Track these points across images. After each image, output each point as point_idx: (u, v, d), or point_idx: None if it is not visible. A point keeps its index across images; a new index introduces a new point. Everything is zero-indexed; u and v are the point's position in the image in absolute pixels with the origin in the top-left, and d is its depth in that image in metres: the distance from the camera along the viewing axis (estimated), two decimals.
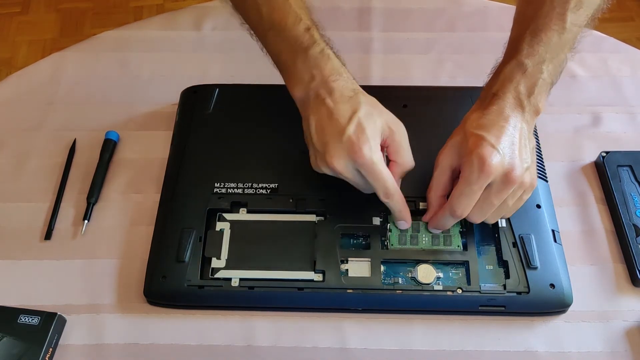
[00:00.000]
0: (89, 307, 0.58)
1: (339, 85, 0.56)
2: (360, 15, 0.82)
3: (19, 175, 0.67)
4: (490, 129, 0.53)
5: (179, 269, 0.57)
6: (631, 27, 1.79)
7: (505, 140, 0.53)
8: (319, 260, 0.57)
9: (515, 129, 0.54)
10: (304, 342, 0.56)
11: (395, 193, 0.55)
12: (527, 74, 0.55)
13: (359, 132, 0.53)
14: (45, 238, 0.62)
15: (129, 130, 0.70)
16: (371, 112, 0.56)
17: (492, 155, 0.51)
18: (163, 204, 0.62)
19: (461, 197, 0.53)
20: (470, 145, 0.53)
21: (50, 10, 1.88)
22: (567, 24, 0.56)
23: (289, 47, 0.58)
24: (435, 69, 0.76)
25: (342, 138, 0.53)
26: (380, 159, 0.54)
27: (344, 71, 0.58)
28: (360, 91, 0.57)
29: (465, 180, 0.53)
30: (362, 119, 0.54)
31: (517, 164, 0.52)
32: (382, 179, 0.54)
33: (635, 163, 0.64)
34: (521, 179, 0.53)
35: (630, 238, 0.60)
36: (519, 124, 0.54)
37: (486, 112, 0.55)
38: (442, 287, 0.56)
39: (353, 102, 0.55)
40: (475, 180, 0.52)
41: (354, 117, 0.54)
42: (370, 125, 0.54)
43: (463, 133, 0.55)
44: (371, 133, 0.54)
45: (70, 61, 0.78)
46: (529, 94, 0.55)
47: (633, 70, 0.76)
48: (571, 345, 0.55)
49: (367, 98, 0.57)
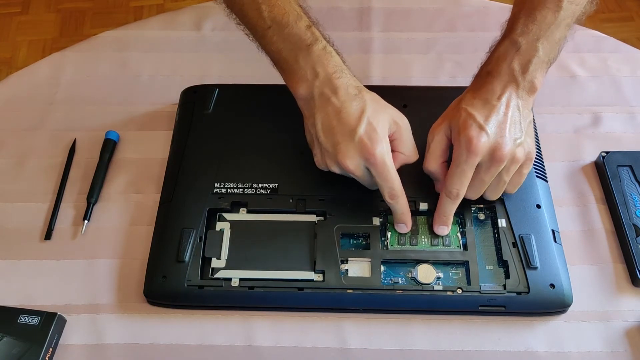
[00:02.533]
0: (89, 307, 0.58)
1: (343, 83, 0.57)
2: (360, 15, 0.82)
3: (19, 175, 0.67)
4: (481, 109, 0.55)
5: (179, 269, 0.57)
6: (631, 27, 1.79)
7: (494, 119, 0.55)
8: (319, 260, 0.57)
9: (507, 106, 0.55)
10: (304, 342, 0.56)
11: (401, 195, 0.56)
12: (520, 51, 0.56)
13: (370, 131, 0.54)
14: (45, 238, 0.62)
15: (129, 130, 0.70)
16: (377, 109, 0.56)
17: (479, 136, 0.54)
18: (163, 204, 0.62)
19: (454, 178, 0.55)
20: (461, 125, 0.55)
21: (50, 10, 1.88)
22: (563, 2, 0.56)
23: (290, 44, 0.58)
24: (435, 69, 0.76)
25: (354, 138, 0.54)
26: (391, 160, 0.55)
27: (345, 68, 0.58)
28: (364, 88, 0.58)
29: (456, 161, 0.55)
30: (371, 118, 0.55)
31: (506, 141, 0.54)
32: (391, 180, 0.55)
33: (635, 163, 0.64)
34: (511, 155, 0.54)
35: (630, 238, 0.60)
36: (513, 101, 0.56)
37: (480, 91, 0.57)
38: (442, 287, 0.56)
39: (359, 100, 0.56)
40: (465, 160, 0.54)
41: (363, 116, 0.55)
42: (379, 123, 0.55)
43: (457, 109, 0.57)
44: (382, 132, 0.55)
45: (70, 61, 0.78)
46: (523, 71, 0.56)
47: (633, 70, 0.76)
48: (571, 345, 0.55)
49: (371, 95, 0.58)
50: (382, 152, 0.54)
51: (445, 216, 0.58)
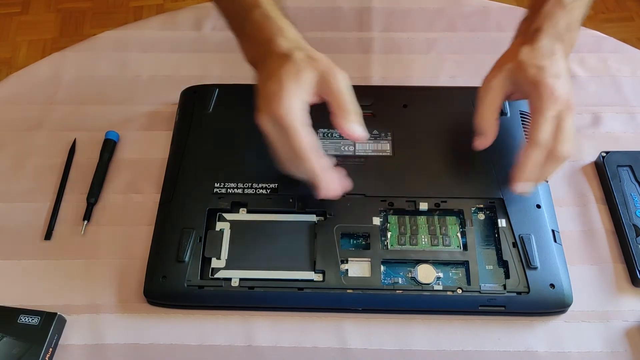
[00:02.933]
0: (89, 307, 0.58)
1: (280, 44, 0.56)
2: (360, 15, 0.82)
3: (19, 175, 0.67)
4: (546, 62, 0.57)
5: (179, 269, 0.57)
6: (631, 27, 1.79)
7: (561, 67, 0.57)
8: (319, 260, 0.57)
9: (563, 61, 0.58)
10: (304, 342, 0.56)
11: (309, 154, 0.53)
12: (565, 11, 0.59)
13: (280, 90, 0.53)
14: (45, 238, 0.62)
15: (129, 130, 0.70)
16: (304, 67, 0.54)
17: (558, 85, 0.56)
18: (163, 204, 0.62)
19: (543, 126, 0.55)
20: (533, 76, 0.56)
21: (50, 10, 1.88)
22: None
23: (237, 12, 0.60)
24: (435, 69, 0.76)
25: (267, 96, 0.54)
26: (300, 117, 0.53)
27: (287, 29, 0.58)
28: (298, 47, 0.56)
29: (540, 111, 0.55)
30: (289, 75, 0.54)
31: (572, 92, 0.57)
32: (296, 136, 0.52)
33: (635, 163, 0.64)
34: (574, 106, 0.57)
35: (630, 238, 0.60)
36: (563, 58, 0.58)
37: (536, 46, 0.58)
38: (442, 287, 0.56)
39: (287, 59, 0.55)
40: (550, 108, 0.55)
41: (281, 74, 0.54)
42: (297, 80, 0.54)
43: (517, 63, 0.58)
44: (294, 89, 0.53)
45: (70, 61, 0.78)
46: (567, 30, 0.59)
47: (633, 70, 0.76)
48: (571, 345, 0.55)
49: (305, 53, 0.56)
50: (286, 106, 0.52)
51: (534, 169, 0.56)
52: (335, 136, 0.65)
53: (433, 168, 0.62)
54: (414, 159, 0.63)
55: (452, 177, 0.62)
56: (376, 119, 0.66)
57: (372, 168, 0.63)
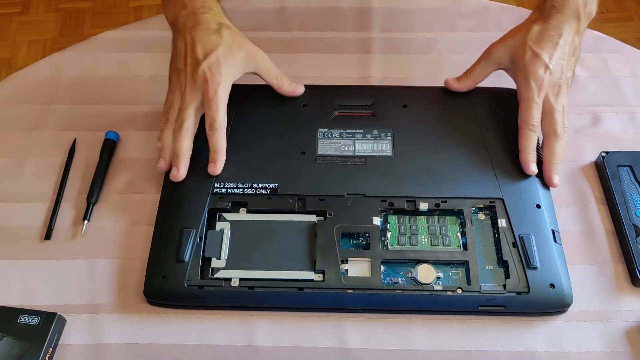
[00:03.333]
0: (89, 307, 0.58)
1: (206, 18, 0.62)
2: (360, 15, 0.82)
3: (19, 175, 0.67)
4: (545, 46, 0.62)
5: (179, 269, 0.57)
6: (631, 27, 1.79)
7: (556, 56, 0.62)
8: (319, 260, 0.57)
9: (567, 43, 0.62)
10: (304, 342, 0.56)
11: (220, 129, 0.61)
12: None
13: (213, 66, 0.60)
14: (45, 238, 0.62)
15: (129, 130, 0.70)
16: (231, 47, 0.62)
17: (545, 75, 0.61)
18: (163, 204, 0.62)
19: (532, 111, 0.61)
20: (527, 61, 0.62)
21: (50, 10, 1.88)
22: None
23: None
24: (435, 69, 0.76)
25: (197, 70, 0.60)
26: (225, 96, 0.61)
27: (215, 6, 0.63)
28: (226, 25, 0.63)
29: (529, 96, 0.62)
30: (220, 55, 0.61)
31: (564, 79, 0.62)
32: (216, 110, 0.60)
33: (635, 163, 0.64)
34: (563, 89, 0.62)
35: (630, 238, 0.60)
36: (571, 38, 0.63)
37: (546, 26, 0.63)
38: (442, 287, 0.56)
39: (217, 35, 0.61)
40: (538, 95, 0.61)
41: (213, 52, 0.60)
42: (229, 60, 0.61)
43: (522, 41, 0.63)
44: (227, 69, 0.61)
45: (70, 61, 0.78)
46: (585, 3, 0.62)
47: (633, 70, 0.76)
48: (571, 345, 0.55)
49: (231, 32, 0.63)
50: (217, 85, 0.60)
51: (533, 151, 0.62)
52: (335, 136, 0.65)
53: (433, 168, 0.62)
54: (414, 159, 0.63)
55: (452, 177, 0.62)
56: (376, 119, 0.66)
57: (372, 168, 0.63)
